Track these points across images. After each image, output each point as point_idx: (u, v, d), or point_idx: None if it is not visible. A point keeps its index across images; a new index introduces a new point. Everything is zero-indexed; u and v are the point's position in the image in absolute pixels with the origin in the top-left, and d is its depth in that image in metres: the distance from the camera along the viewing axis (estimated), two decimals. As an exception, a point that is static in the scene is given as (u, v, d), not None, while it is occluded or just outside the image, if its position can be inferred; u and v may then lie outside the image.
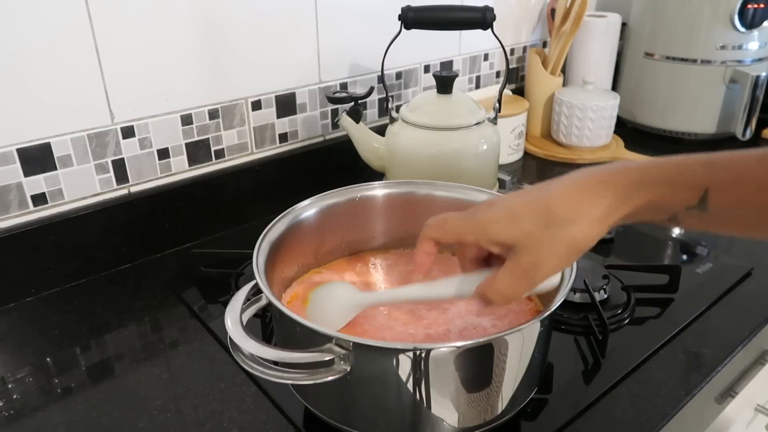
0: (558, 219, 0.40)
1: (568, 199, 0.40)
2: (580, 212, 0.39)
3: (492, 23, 0.79)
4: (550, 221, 0.40)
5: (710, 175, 0.38)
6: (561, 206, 0.40)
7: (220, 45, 0.81)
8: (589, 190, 0.40)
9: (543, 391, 0.56)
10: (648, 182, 0.39)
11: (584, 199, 0.40)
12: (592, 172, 0.41)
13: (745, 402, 0.78)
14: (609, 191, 0.39)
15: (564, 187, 0.41)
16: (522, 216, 0.41)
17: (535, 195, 0.42)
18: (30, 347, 0.65)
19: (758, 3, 1.07)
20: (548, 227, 0.40)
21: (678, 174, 0.39)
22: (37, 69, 0.68)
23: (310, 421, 0.53)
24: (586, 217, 0.39)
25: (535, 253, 0.41)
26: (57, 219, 0.73)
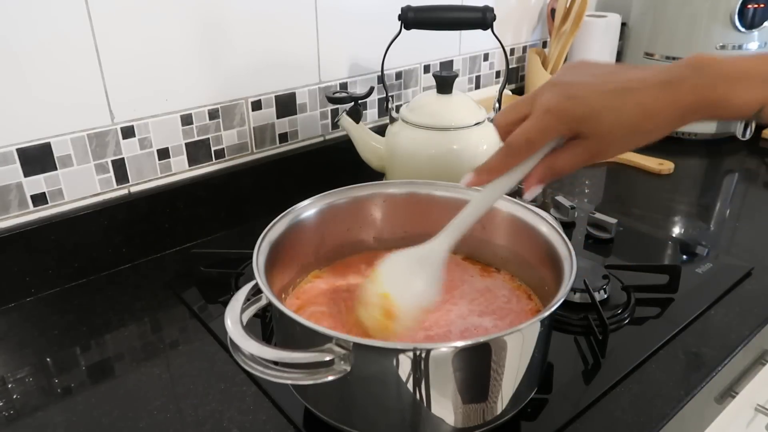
0: (635, 129, 0.43)
1: (645, 111, 0.43)
2: (652, 125, 0.43)
3: (492, 23, 0.79)
4: (628, 129, 0.43)
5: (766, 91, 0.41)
6: (639, 118, 0.43)
7: (220, 45, 0.81)
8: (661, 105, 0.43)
9: (543, 391, 0.56)
10: (707, 103, 0.42)
11: (656, 114, 0.43)
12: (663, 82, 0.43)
13: (745, 402, 0.78)
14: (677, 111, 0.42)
15: (641, 94, 0.43)
16: (606, 119, 0.43)
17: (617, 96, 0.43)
18: (30, 347, 0.65)
19: (758, 3, 1.07)
20: (625, 132, 0.44)
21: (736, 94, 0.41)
22: (37, 69, 0.68)
23: (310, 421, 0.53)
24: (655, 129, 0.43)
25: (605, 144, 0.44)
26: (57, 219, 0.73)
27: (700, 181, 1.06)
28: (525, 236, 0.60)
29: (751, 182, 1.05)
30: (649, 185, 1.02)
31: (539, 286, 0.60)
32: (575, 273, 0.50)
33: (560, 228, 0.56)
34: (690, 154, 1.13)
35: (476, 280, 0.64)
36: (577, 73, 0.46)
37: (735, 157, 1.13)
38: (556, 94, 0.44)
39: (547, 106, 0.44)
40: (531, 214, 0.60)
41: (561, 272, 0.52)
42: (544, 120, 0.45)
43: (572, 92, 0.44)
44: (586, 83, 0.44)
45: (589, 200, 0.97)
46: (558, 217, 0.86)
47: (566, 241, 0.54)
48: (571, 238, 0.75)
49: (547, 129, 0.45)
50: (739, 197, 0.99)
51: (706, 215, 0.93)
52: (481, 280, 0.63)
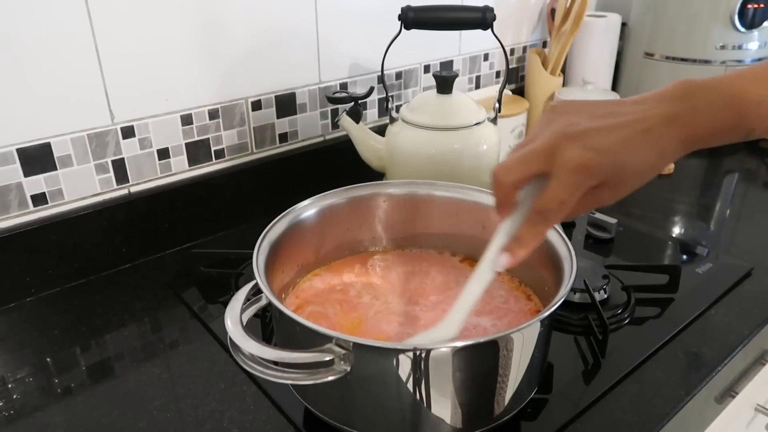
0: (642, 173, 0.44)
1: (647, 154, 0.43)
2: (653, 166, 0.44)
3: (492, 23, 0.79)
4: (637, 176, 0.44)
5: (757, 121, 0.41)
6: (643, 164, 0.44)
7: (220, 44, 0.81)
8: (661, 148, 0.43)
9: (543, 391, 0.56)
10: (702, 139, 0.43)
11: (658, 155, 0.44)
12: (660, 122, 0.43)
13: (745, 402, 0.78)
14: (675, 151, 0.44)
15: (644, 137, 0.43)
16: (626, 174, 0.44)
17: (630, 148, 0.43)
18: (30, 347, 0.65)
19: (758, 3, 1.07)
20: (635, 179, 0.44)
21: (729, 119, 0.42)
22: (38, 69, 0.68)
23: (310, 421, 0.53)
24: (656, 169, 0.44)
25: (615, 193, 0.44)
26: (57, 219, 0.73)
27: (700, 181, 1.06)
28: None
29: (751, 182, 1.05)
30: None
31: (539, 286, 0.60)
32: (575, 273, 0.50)
33: (560, 228, 0.56)
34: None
35: None
36: (576, 118, 0.44)
37: (735, 157, 1.13)
38: (582, 148, 0.42)
39: (577, 162, 0.41)
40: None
41: (561, 272, 0.52)
42: (574, 179, 0.42)
43: (594, 144, 0.42)
44: (601, 130, 0.42)
45: (589, 200, 0.97)
46: (558, 217, 0.86)
47: (566, 241, 0.54)
48: (571, 238, 0.75)
49: (578, 187, 0.42)
50: (739, 197, 0.99)
51: (706, 215, 0.93)
52: None
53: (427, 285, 0.63)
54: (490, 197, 0.64)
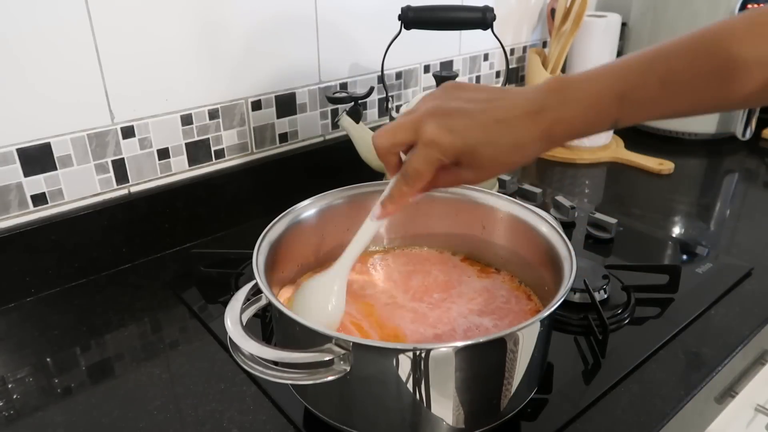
0: (507, 159, 0.47)
1: (514, 144, 0.46)
2: (521, 156, 0.47)
3: (492, 23, 0.79)
4: (501, 159, 0.47)
5: (620, 111, 0.44)
6: (509, 150, 0.46)
7: (220, 45, 0.81)
8: (526, 137, 0.46)
9: (543, 391, 0.56)
10: (573, 130, 0.46)
11: (524, 145, 0.46)
12: (528, 114, 0.46)
13: (745, 402, 0.78)
14: (542, 142, 0.46)
15: (509, 127, 0.46)
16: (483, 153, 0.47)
17: (490, 130, 0.46)
18: (30, 347, 0.65)
19: (758, 3, 1.07)
20: (499, 163, 0.47)
21: (597, 116, 0.45)
22: (38, 69, 0.68)
23: (310, 421, 0.53)
24: (524, 158, 0.47)
25: (479, 174, 0.48)
26: (57, 219, 0.73)
27: (700, 181, 1.06)
28: (525, 236, 0.60)
29: (751, 182, 1.05)
30: (649, 185, 1.02)
31: (539, 286, 0.60)
32: (575, 273, 0.50)
33: (560, 228, 0.56)
34: (690, 154, 1.13)
35: (474, 280, 0.64)
36: (455, 98, 0.48)
37: (735, 157, 1.13)
38: (438, 126, 0.46)
39: (431, 138, 0.46)
40: (531, 214, 0.60)
41: (561, 272, 0.52)
42: (429, 153, 0.47)
43: (452, 125, 0.46)
44: (464, 113, 0.46)
45: (589, 200, 0.97)
46: (558, 217, 0.86)
47: (566, 241, 0.54)
48: (571, 238, 0.75)
49: (432, 161, 0.47)
50: (739, 197, 0.99)
51: (706, 215, 0.93)
52: (479, 281, 0.63)
53: (429, 283, 0.63)
54: (490, 197, 0.64)
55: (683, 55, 0.44)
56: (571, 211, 0.86)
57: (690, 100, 0.44)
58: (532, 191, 0.91)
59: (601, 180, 1.06)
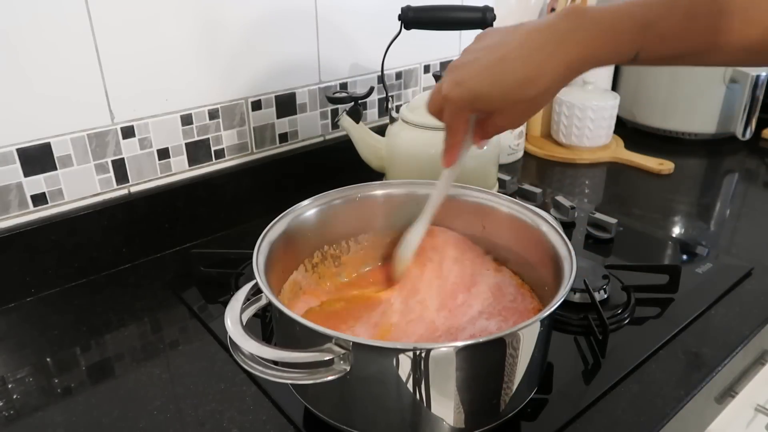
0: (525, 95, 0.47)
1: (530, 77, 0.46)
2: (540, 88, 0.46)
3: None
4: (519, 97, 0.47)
5: (643, 39, 0.44)
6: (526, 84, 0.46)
7: (220, 45, 0.81)
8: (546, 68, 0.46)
9: (543, 391, 0.56)
10: (593, 56, 0.45)
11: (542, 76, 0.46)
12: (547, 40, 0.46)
13: (745, 402, 0.78)
14: (561, 68, 0.46)
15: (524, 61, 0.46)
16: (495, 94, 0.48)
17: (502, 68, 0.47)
18: (30, 347, 0.65)
19: (758, 3, 1.07)
20: (517, 101, 0.48)
21: (619, 43, 0.44)
22: (37, 69, 0.68)
23: (310, 421, 0.53)
24: (543, 91, 0.47)
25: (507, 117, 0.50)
26: (57, 219, 0.73)
27: (700, 181, 1.06)
28: (525, 236, 0.60)
29: (751, 182, 1.05)
30: (649, 185, 1.02)
31: (539, 286, 0.60)
32: (575, 273, 0.50)
33: (560, 228, 0.56)
34: (690, 154, 1.13)
35: (490, 275, 0.63)
36: (473, 49, 0.49)
37: (735, 157, 1.13)
38: (449, 82, 0.49)
39: (444, 95, 0.50)
40: (531, 214, 0.60)
41: (561, 272, 0.52)
42: (449, 108, 0.51)
43: (459, 77, 0.49)
44: (472, 61, 0.48)
45: (589, 200, 0.97)
46: (558, 217, 0.86)
47: (566, 241, 0.54)
48: (571, 238, 0.75)
49: (454, 114, 0.51)
50: (739, 197, 0.99)
51: (706, 215, 0.93)
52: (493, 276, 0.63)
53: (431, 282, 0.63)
54: (490, 197, 0.64)
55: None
56: (571, 211, 0.86)
57: (711, 38, 0.43)
58: (532, 191, 0.91)
59: (601, 180, 1.06)
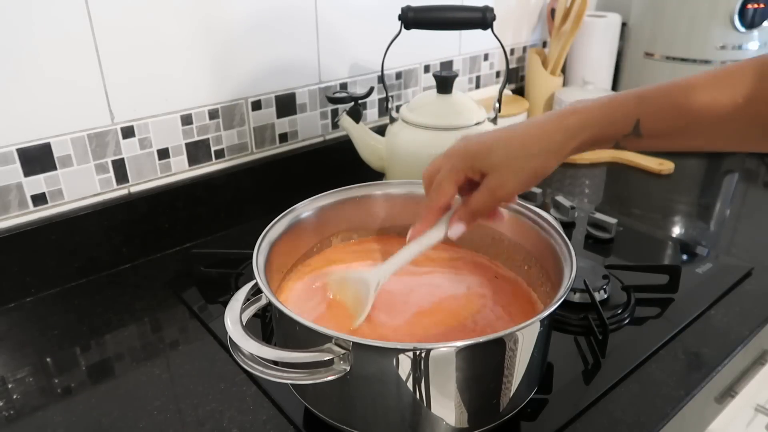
0: (524, 153, 0.50)
1: (531, 137, 0.50)
2: (540, 148, 0.50)
3: (492, 23, 0.79)
4: (518, 155, 0.50)
5: (640, 107, 0.47)
6: (526, 143, 0.50)
7: (220, 45, 0.81)
8: (546, 130, 0.50)
9: (543, 391, 0.56)
10: (590, 122, 0.49)
11: (542, 137, 0.50)
12: (548, 115, 0.51)
13: (745, 402, 0.78)
14: (560, 132, 0.49)
15: (528, 127, 0.51)
16: (496, 151, 0.50)
17: (505, 134, 0.51)
18: (30, 347, 0.65)
19: (758, 3, 1.07)
20: (516, 158, 0.50)
21: (614, 111, 0.48)
22: (38, 69, 0.68)
23: (310, 421, 0.53)
24: (544, 151, 0.50)
25: (501, 177, 0.50)
26: (57, 219, 0.73)
27: (700, 181, 1.06)
28: (525, 236, 0.60)
29: (751, 182, 1.05)
30: (649, 185, 1.02)
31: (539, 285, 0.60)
32: (575, 273, 0.50)
33: (560, 228, 0.56)
34: (690, 154, 1.13)
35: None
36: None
37: (735, 157, 1.13)
38: (457, 142, 0.53)
39: (449, 151, 0.53)
40: (531, 214, 0.60)
41: (561, 272, 0.52)
42: (447, 162, 0.52)
43: (470, 137, 0.53)
44: (484, 132, 0.52)
45: (589, 200, 0.97)
46: (558, 217, 0.86)
47: (566, 241, 0.54)
48: (571, 238, 0.75)
49: (450, 169, 0.52)
50: (739, 197, 0.99)
51: (706, 215, 0.93)
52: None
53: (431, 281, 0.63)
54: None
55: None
56: (571, 211, 0.86)
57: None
58: (532, 191, 0.91)
59: (601, 180, 1.06)
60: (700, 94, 0.46)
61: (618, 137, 0.48)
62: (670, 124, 0.47)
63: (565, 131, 0.49)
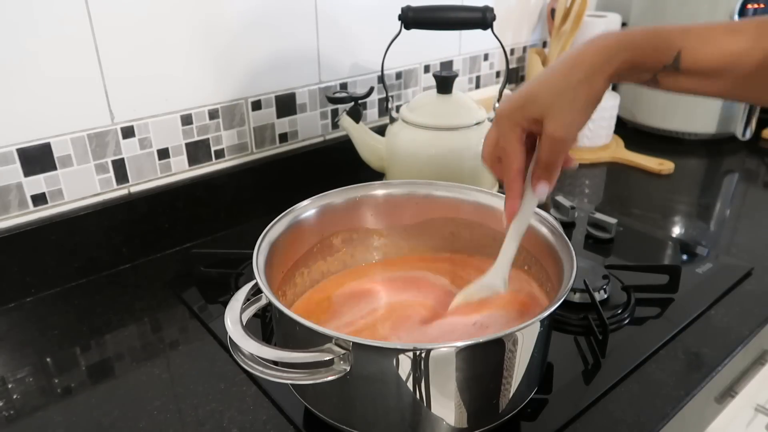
0: (569, 84, 0.47)
1: (571, 66, 0.48)
2: (583, 72, 0.47)
3: (492, 23, 0.79)
4: (564, 88, 0.47)
5: (683, 40, 0.46)
6: (567, 73, 0.47)
7: (220, 45, 0.81)
8: (585, 54, 0.47)
9: (543, 391, 0.56)
10: (631, 43, 0.47)
11: (583, 62, 0.47)
12: (586, 42, 0.48)
13: (745, 402, 0.78)
14: (600, 52, 0.47)
15: (565, 59, 0.49)
16: (542, 92, 0.48)
17: (546, 73, 0.49)
18: (30, 347, 0.65)
19: (758, 3, 1.07)
20: (563, 92, 0.47)
21: (656, 37, 0.46)
22: (38, 69, 0.68)
23: (310, 421, 0.53)
24: (588, 75, 0.47)
25: (556, 116, 0.47)
26: (57, 219, 0.73)
27: (700, 181, 1.07)
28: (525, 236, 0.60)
29: (751, 182, 1.05)
30: (649, 185, 1.02)
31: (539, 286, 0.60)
32: (575, 273, 0.50)
33: (560, 228, 0.56)
34: (690, 154, 1.13)
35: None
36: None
37: (735, 157, 1.13)
38: (500, 104, 0.52)
39: (496, 117, 0.51)
40: (531, 214, 0.60)
41: (561, 272, 0.52)
42: (499, 128, 0.50)
43: (510, 95, 0.51)
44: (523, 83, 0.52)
45: (589, 200, 0.97)
46: (558, 217, 0.86)
47: (566, 241, 0.54)
48: (571, 238, 0.75)
49: (506, 130, 0.50)
50: (739, 197, 0.99)
51: (706, 215, 0.93)
52: None
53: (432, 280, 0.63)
54: (490, 198, 0.64)
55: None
56: (571, 211, 0.86)
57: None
58: (532, 191, 0.91)
59: (601, 180, 1.06)
60: (744, 37, 0.44)
61: (657, 67, 0.46)
62: (713, 61, 0.45)
63: (605, 51, 0.47)
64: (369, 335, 0.55)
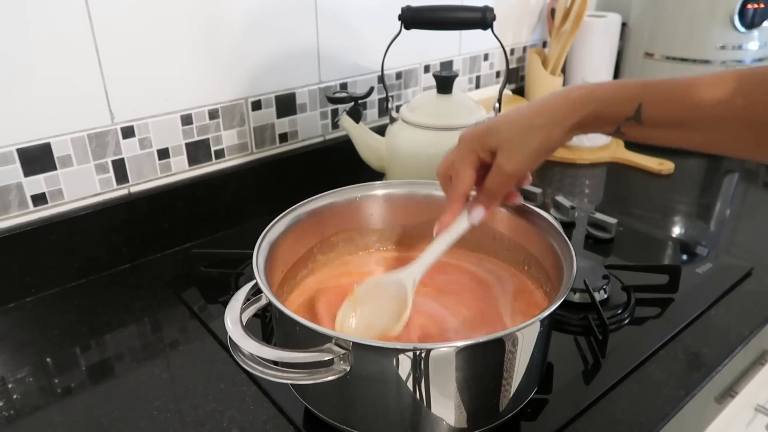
0: (529, 126, 0.51)
1: (535, 111, 0.51)
2: (544, 119, 0.50)
3: (492, 23, 0.79)
4: (524, 128, 0.51)
5: (644, 92, 0.47)
6: (531, 116, 0.51)
7: (220, 45, 0.81)
8: (550, 103, 0.51)
9: (543, 391, 0.56)
10: (594, 96, 0.49)
11: (546, 109, 0.50)
12: (554, 92, 0.51)
13: (745, 402, 0.78)
14: (564, 104, 0.50)
15: (533, 103, 0.52)
16: (503, 127, 0.52)
17: (513, 112, 0.53)
18: (30, 347, 0.65)
19: (758, 3, 1.07)
20: (522, 132, 0.51)
21: (618, 90, 0.48)
22: (38, 69, 0.68)
23: (310, 421, 0.53)
24: (548, 122, 0.50)
25: (509, 152, 0.51)
26: (57, 219, 0.73)
27: (700, 181, 1.06)
28: (525, 236, 0.60)
29: (751, 182, 1.05)
30: (649, 185, 1.02)
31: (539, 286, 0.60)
32: (575, 273, 0.50)
33: (560, 228, 0.56)
34: (690, 154, 1.13)
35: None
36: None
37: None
38: (465, 130, 0.54)
39: (458, 140, 0.54)
40: (531, 214, 0.60)
41: (561, 272, 0.52)
42: (458, 150, 0.54)
43: (477, 124, 0.54)
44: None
45: (589, 200, 0.97)
46: (558, 217, 0.86)
47: (566, 241, 0.54)
48: (571, 238, 0.75)
49: (463, 153, 0.53)
50: (739, 197, 0.99)
51: (706, 215, 0.93)
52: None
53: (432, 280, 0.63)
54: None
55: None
56: (571, 211, 0.86)
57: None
58: (532, 191, 0.91)
59: (601, 180, 1.06)
60: (702, 90, 0.45)
61: (620, 119, 0.48)
62: (672, 114, 0.47)
63: (569, 103, 0.49)
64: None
